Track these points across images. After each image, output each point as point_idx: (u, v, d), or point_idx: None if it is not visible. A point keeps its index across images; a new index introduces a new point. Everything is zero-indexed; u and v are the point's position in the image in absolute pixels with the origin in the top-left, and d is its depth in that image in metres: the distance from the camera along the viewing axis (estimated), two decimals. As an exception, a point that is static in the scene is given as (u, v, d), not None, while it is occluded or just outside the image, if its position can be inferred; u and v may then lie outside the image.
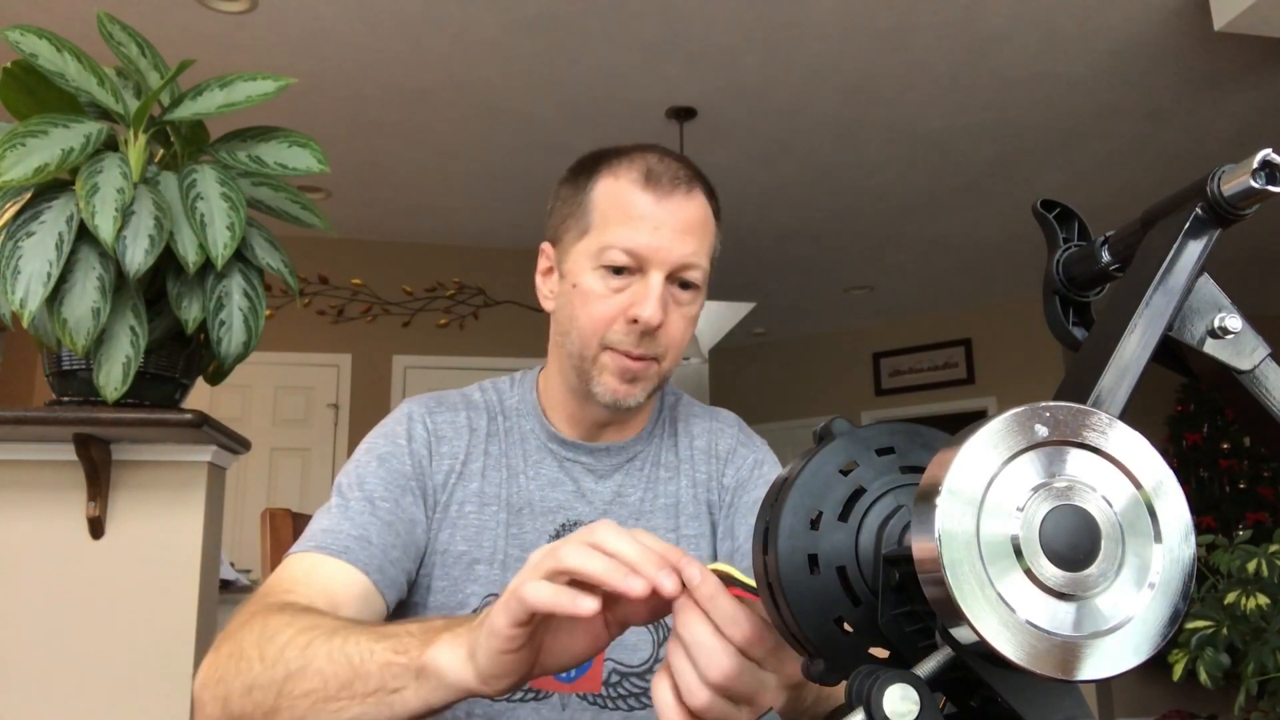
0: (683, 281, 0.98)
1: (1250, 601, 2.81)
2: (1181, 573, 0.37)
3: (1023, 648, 0.35)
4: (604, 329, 0.97)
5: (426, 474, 1.01)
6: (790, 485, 0.47)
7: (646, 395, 1.00)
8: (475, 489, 1.02)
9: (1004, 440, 0.37)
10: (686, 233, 0.96)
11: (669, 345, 0.99)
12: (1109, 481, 0.37)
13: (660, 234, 0.95)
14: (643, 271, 0.96)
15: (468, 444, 1.04)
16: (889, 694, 0.38)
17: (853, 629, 0.45)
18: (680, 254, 0.96)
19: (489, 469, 1.04)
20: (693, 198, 0.98)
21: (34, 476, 1.70)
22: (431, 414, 1.05)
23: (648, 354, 0.97)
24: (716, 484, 1.08)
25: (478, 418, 1.07)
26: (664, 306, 0.95)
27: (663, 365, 1.00)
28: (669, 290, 0.97)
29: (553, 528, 1.01)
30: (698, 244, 0.97)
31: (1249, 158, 0.43)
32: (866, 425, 0.49)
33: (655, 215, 0.96)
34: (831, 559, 0.46)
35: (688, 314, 1.00)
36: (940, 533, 0.35)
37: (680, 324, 0.99)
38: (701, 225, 0.99)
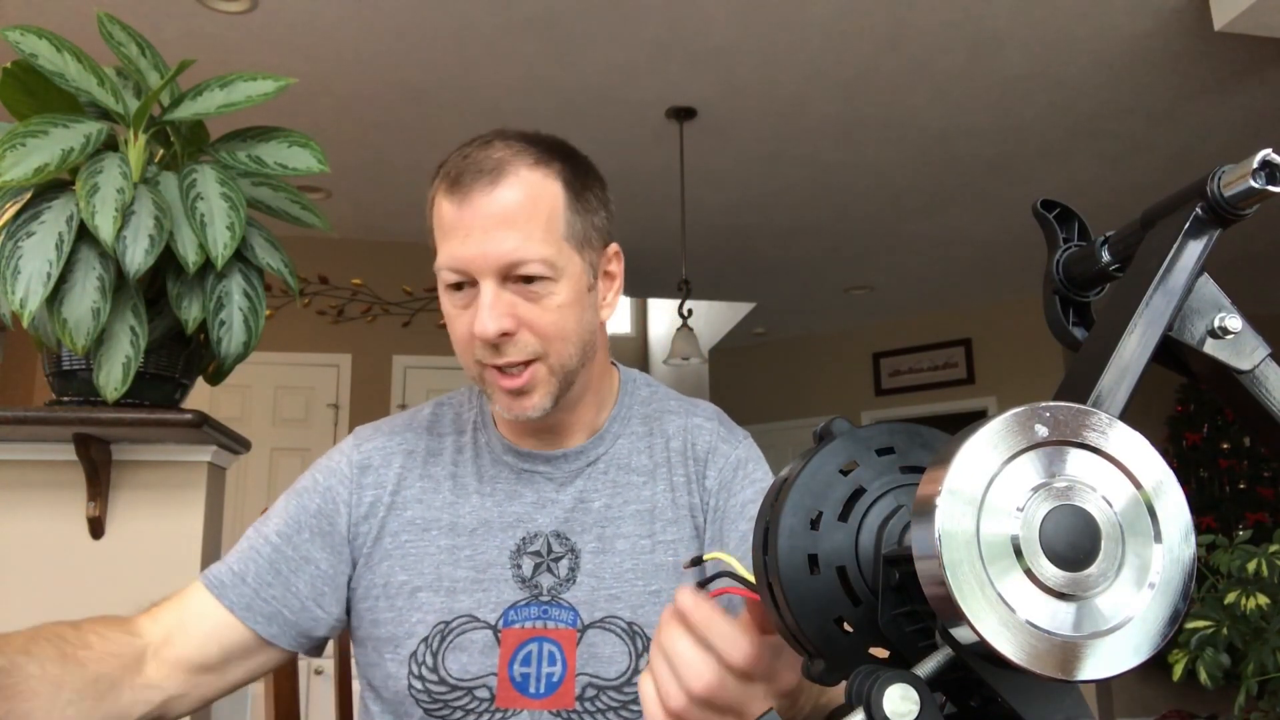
0: (524, 277, 0.90)
1: (1250, 601, 2.81)
2: (1181, 573, 0.37)
3: (1023, 648, 0.35)
4: (470, 348, 0.93)
5: (336, 512, 1.00)
6: (790, 485, 0.47)
7: (551, 400, 0.94)
8: (411, 516, 1.00)
9: (1004, 440, 0.37)
10: (500, 228, 0.89)
11: (542, 342, 0.92)
12: (1109, 481, 0.37)
13: (471, 240, 0.89)
14: (477, 283, 0.90)
15: (399, 470, 1.02)
16: (889, 694, 0.38)
17: (853, 629, 0.45)
18: (499, 253, 0.88)
19: (427, 493, 1.01)
20: (500, 186, 0.90)
21: (34, 476, 1.70)
22: (363, 444, 1.04)
23: (516, 361, 0.92)
24: (698, 486, 1.03)
25: (415, 440, 1.04)
26: (502, 314, 0.89)
27: (551, 363, 0.93)
28: (514, 290, 0.90)
29: (513, 542, 0.98)
30: (519, 235, 0.89)
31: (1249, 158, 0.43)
32: (866, 425, 0.49)
33: (463, 222, 0.90)
34: (831, 559, 0.46)
35: (549, 306, 0.91)
36: (940, 533, 0.35)
37: (544, 319, 0.91)
38: (521, 210, 0.89)
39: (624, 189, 4.99)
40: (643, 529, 1.00)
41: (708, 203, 5.08)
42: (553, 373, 0.94)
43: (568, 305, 0.92)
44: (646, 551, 0.99)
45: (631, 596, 0.98)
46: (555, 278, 0.91)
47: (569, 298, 0.93)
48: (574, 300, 0.93)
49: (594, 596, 0.97)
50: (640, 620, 0.98)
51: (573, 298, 0.93)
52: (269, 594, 0.96)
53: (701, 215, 5.16)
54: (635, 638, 0.97)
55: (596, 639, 0.96)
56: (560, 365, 0.94)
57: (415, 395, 5.46)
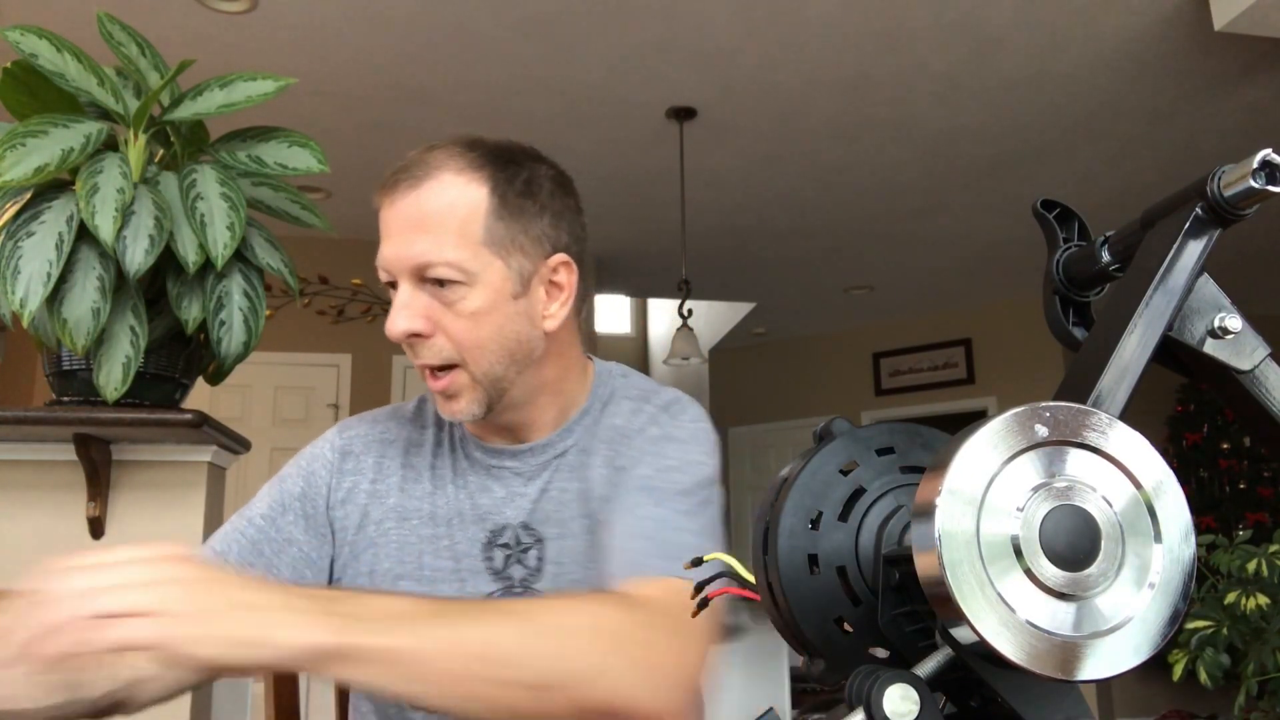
0: (438, 280, 0.90)
1: (1250, 601, 2.81)
2: (1181, 573, 0.37)
3: (1023, 648, 0.35)
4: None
5: (319, 495, 1.02)
6: (790, 485, 0.47)
7: (481, 407, 0.94)
8: (394, 504, 1.01)
9: (1004, 440, 0.37)
10: (415, 230, 0.90)
11: (457, 349, 0.92)
12: (1109, 481, 0.37)
13: (390, 241, 0.91)
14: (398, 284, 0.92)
15: (377, 459, 1.03)
16: (889, 694, 0.38)
17: (853, 629, 0.45)
18: (411, 254, 0.90)
19: (409, 482, 1.02)
20: (421, 189, 0.91)
21: (34, 476, 1.70)
22: (345, 430, 1.06)
23: (432, 364, 0.92)
24: (616, 465, 1.00)
25: (398, 430, 1.06)
26: (415, 315, 0.90)
27: (471, 371, 0.93)
28: (432, 293, 0.91)
29: (484, 535, 0.99)
30: (430, 239, 0.89)
31: (1249, 158, 0.43)
32: (866, 425, 0.49)
33: (388, 222, 0.92)
34: (831, 559, 0.46)
35: (462, 311, 0.91)
36: (940, 533, 0.35)
37: (457, 324, 0.91)
38: (436, 214, 0.90)
39: (624, 189, 4.99)
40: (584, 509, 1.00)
41: (708, 203, 5.08)
42: (476, 381, 0.93)
43: (483, 312, 0.91)
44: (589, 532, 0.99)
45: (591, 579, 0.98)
46: (468, 283, 0.91)
47: (484, 304, 0.91)
48: (491, 308, 0.92)
49: (558, 583, 0.98)
50: None
51: (488, 305, 0.92)
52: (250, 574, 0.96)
53: (701, 215, 5.16)
54: None
55: None
56: (483, 374, 0.93)
57: (415, 395, 5.45)
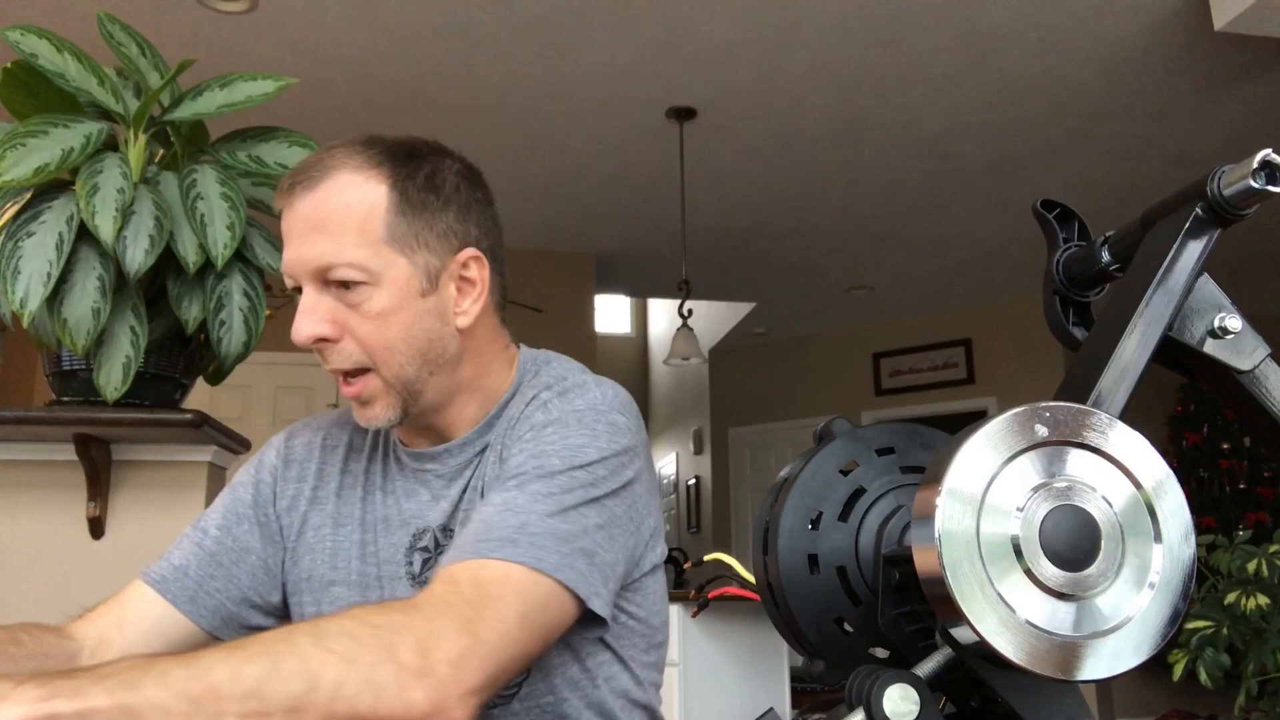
0: (341, 281, 0.87)
1: (1250, 601, 2.81)
2: (1181, 573, 0.37)
3: (1023, 648, 0.35)
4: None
5: (269, 502, 1.02)
6: (790, 485, 0.47)
7: (395, 411, 0.91)
8: (330, 510, 1.01)
9: (1004, 440, 0.37)
10: (315, 232, 0.87)
11: (366, 352, 0.89)
12: (1109, 481, 0.37)
13: (291, 245, 0.89)
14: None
15: (320, 464, 1.03)
16: (889, 694, 0.38)
17: (853, 629, 0.45)
18: (311, 257, 0.87)
19: (346, 488, 1.01)
20: (318, 190, 0.88)
21: (34, 476, 1.70)
22: (291, 439, 1.06)
23: (343, 369, 0.90)
24: (502, 454, 0.94)
25: (339, 435, 1.05)
26: (320, 319, 0.87)
27: (383, 374, 0.90)
28: (336, 295, 0.88)
29: (407, 539, 0.98)
30: (329, 240, 0.87)
31: (1249, 158, 0.43)
32: (866, 425, 0.49)
33: (287, 226, 0.90)
34: (831, 559, 0.46)
35: (368, 313, 0.88)
36: (940, 533, 0.35)
37: (364, 327, 0.88)
38: (333, 214, 0.88)
39: (624, 189, 4.99)
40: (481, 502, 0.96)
41: (708, 203, 5.08)
42: (389, 385, 0.90)
43: (389, 312, 0.89)
44: None
45: None
46: (372, 283, 0.88)
47: (390, 304, 0.89)
48: (397, 307, 0.89)
49: None
50: None
51: (394, 304, 0.89)
52: (212, 586, 0.96)
53: (701, 215, 5.16)
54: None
55: None
56: (395, 377, 0.90)
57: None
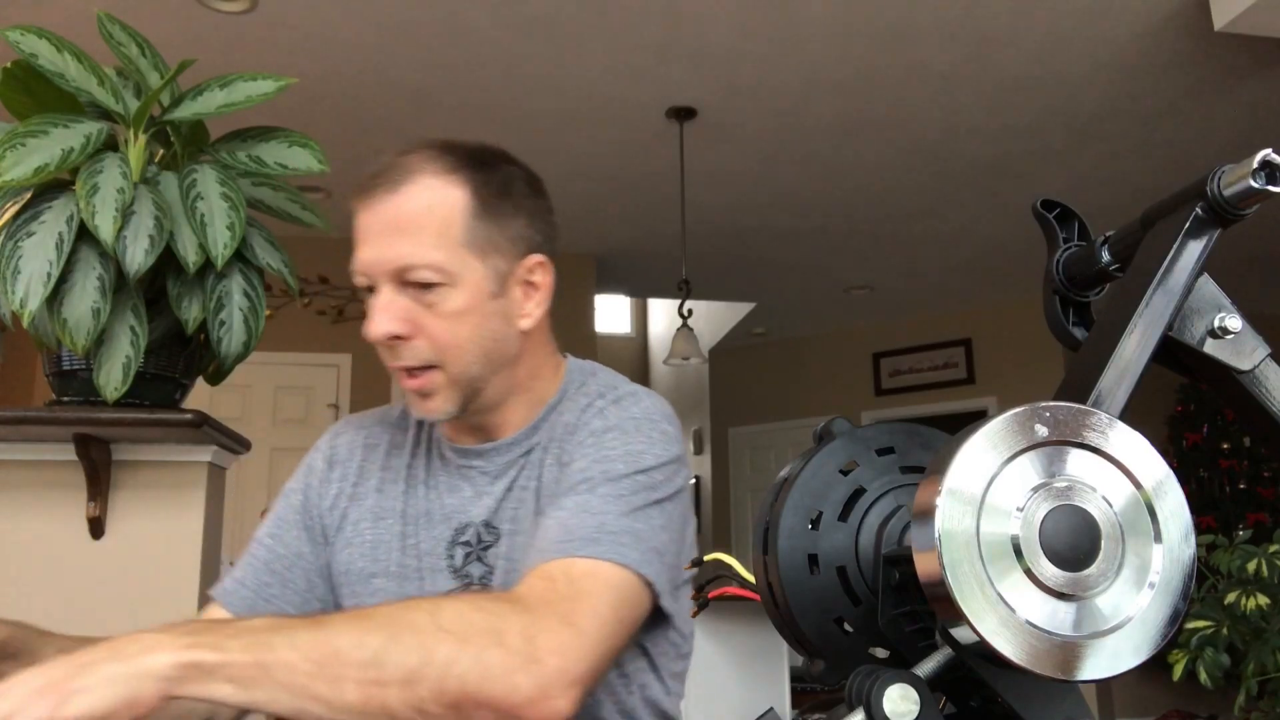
0: (419, 283, 0.92)
1: (1250, 601, 2.81)
2: (1181, 573, 0.37)
3: (1023, 648, 0.35)
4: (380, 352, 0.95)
5: (314, 504, 1.05)
6: (790, 485, 0.47)
7: (456, 405, 0.95)
8: (370, 505, 1.04)
9: (1004, 440, 0.37)
10: (395, 233, 0.92)
11: (437, 349, 0.93)
12: (1109, 481, 0.37)
13: (370, 245, 0.93)
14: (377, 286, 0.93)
15: (361, 462, 1.07)
16: (889, 694, 0.38)
17: (853, 629, 0.45)
18: (391, 257, 0.91)
19: (386, 483, 1.05)
20: (400, 193, 0.93)
21: (34, 476, 1.70)
22: (335, 438, 1.10)
23: (412, 365, 0.93)
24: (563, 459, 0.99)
25: (380, 434, 1.09)
26: (395, 317, 0.91)
27: (449, 372, 0.94)
28: (412, 295, 0.92)
29: (449, 533, 1.01)
30: (410, 242, 0.91)
31: (1249, 158, 0.43)
32: (866, 425, 0.49)
33: (366, 227, 0.94)
34: (831, 559, 0.46)
35: (443, 312, 0.92)
36: (940, 533, 0.35)
37: (438, 325, 0.92)
38: (416, 217, 0.92)
39: (624, 189, 4.99)
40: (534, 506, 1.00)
41: (708, 203, 5.08)
42: (453, 381, 0.94)
43: (463, 313, 0.93)
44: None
45: None
46: (450, 284, 0.92)
47: (465, 305, 0.93)
48: (471, 308, 0.94)
49: (507, 580, 0.98)
50: None
51: (469, 305, 0.93)
52: (269, 594, 1.01)
53: (701, 215, 5.16)
54: None
55: None
56: (460, 374, 0.94)
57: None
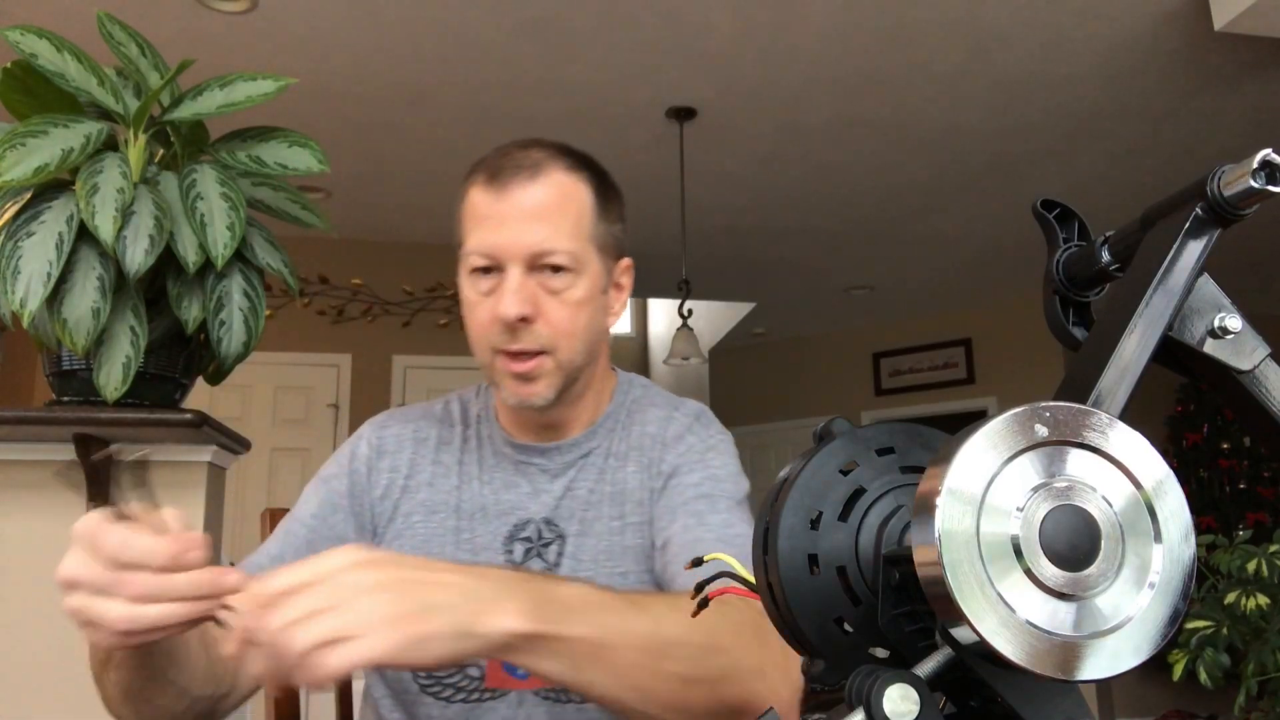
0: (550, 267, 0.96)
1: (1250, 601, 2.81)
2: (1181, 573, 0.37)
3: (1023, 648, 0.35)
4: (486, 333, 0.98)
5: (364, 490, 1.06)
6: (790, 485, 0.47)
7: (555, 391, 0.99)
8: (423, 498, 1.05)
9: (1004, 440, 0.37)
10: (534, 219, 0.96)
11: (555, 336, 0.97)
12: (1109, 481, 0.37)
13: (505, 229, 0.96)
14: (504, 269, 0.96)
15: (412, 455, 1.08)
16: (889, 694, 0.38)
17: (853, 629, 0.45)
18: (528, 243, 0.95)
19: (438, 478, 1.06)
20: (537, 182, 0.97)
21: (34, 476, 1.70)
22: (381, 429, 1.10)
23: (529, 349, 0.96)
24: (657, 469, 1.04)
25: (428, 428, 1.10)
26: (525, 299, 0.95)
27: (559, 358, 0.98)
28: (539, 280, 0.96)
29: (506, 529, 1.03)
30: (550, 228, 0.96)
31: (1249, 158, 0.43)
32: (866, 425, 0.49)
33: (498, 211, 0.97)
34: (831, 559, 0.46)
35: (567, 299, 0.97)
36: (940, 533, 0.35)
37: (560, 312, 0.97)
38: (554, 206, 0.97)
39: (624, 189, 4.98)
40: (615, 510, 1.03)
41: (708, 203, 5.08)
42: (559, 367, 0.98)
43: (583, 302, 0.98)
44: (616, 533, 1.03)
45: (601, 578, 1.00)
46: (578, 272, 0.98)
47: (585, 295, 0.99)
48: (588, 299, 0.99)
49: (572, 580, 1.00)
50: None
51: (588, 296, 0.99)
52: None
53: (701, 215, 5.16)
54: None
55: None
56: (567, 361, 0.99)
57: (415, 395, 5.46)
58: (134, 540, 0.64)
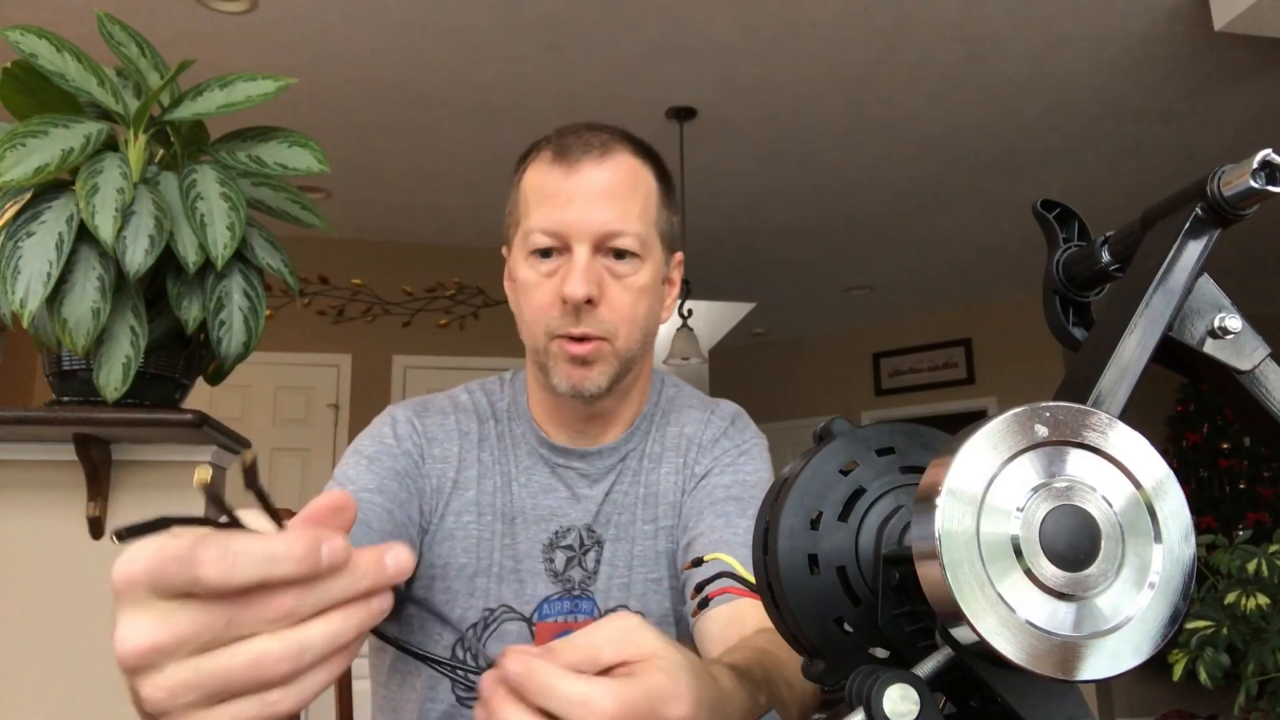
0: (616, 251, 0.93)
1: (1250, 601, 2.81)
2: (1181, 573, 0.37)
3: (1023, 648, 0.35)
4: (544, 316, 0.93)
5: (418, 476, 0.97)
6: (790, 485, 0.47)
7: (609, 380, 0.94)
8: (472, 497, 0.99)
9: (1004, 440, 0.37)
10: (604, 200, 0.92)
11: (616, 322, 0.93)
12: (1109, 481, 0.37)
13: (573, 207, 0.92)
14: (569, 250, 0.92)
15: (459, 449, 1.01)
16: (889, 694, 0.38)
17: (853, 629, 0.45)
18: (598, 222, 0.92)
19: (483, 477, 1.00)
20: (607, 163, 0.94)
21: (34, 476, 1.70)
22: (419, 416, 1.02)
23: (591, 333, 0.92)
24: (690, 471, 1.02)
25: (467, 421, 1.03)
26: (592, 281, 0.91)
27: (616, 345, 0.94)
28: (603, 263, 0.93)
29: (546, 536, 0.99)
30: (620, 208, 0.92)
31: (1249, 158, 0.43)
32: (866, 425, 0.49)
33: (567, 189, 0.92)
34: (831, 559, 0.46)
35: (631, 285, 0.94)
36: (940, 533, 0.35)
37: (624, 297, 0.93)
38: (624, 188, 0.93)
39: (624, 189, 4.98)
40: (648, 514, 1.01)
41: (708, 203, 5.08)
42: (616, 355, 0.94)
43: (645, 290, 0.95)
44: (650, 537, 1.00)
45: (637, 584, 0.98)
46: (642, 257, 0.94)
47: (647, 282, 0.95)
48: (650, 287, 0.96)
49: (609, 585, 0.98)
50: (645, 610, 0.98)
51: (650, 284, 0.96)
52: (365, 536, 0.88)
53: (701, 215, 5.16)
54: None
55: None
56: (624, 349, 0.95)
57: (415, 395, 5.45)
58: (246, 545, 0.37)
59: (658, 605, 0.99)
